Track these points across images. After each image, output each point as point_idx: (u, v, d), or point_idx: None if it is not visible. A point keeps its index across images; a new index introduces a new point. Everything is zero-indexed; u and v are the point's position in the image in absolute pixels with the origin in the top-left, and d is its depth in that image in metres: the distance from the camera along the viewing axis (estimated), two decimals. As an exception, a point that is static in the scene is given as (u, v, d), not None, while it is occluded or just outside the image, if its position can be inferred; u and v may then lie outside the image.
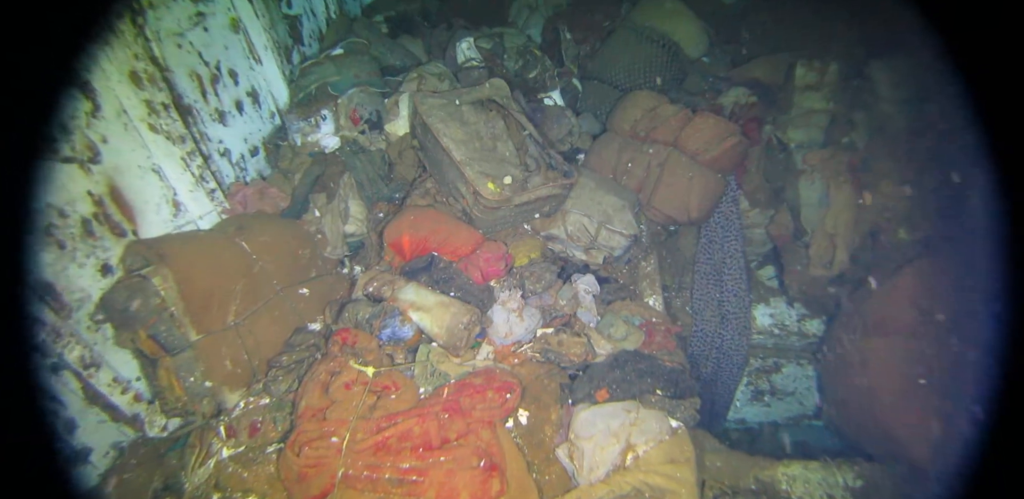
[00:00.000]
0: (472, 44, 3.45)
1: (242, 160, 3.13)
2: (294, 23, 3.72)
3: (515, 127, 2.82)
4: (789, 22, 3.96)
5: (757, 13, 4.18)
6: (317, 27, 3.98)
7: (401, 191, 2.99)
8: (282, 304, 2.55)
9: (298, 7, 3.77)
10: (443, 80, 3.20)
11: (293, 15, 3.71)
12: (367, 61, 3.09)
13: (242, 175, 3.13)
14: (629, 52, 3.60)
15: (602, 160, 3.18)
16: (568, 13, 3.92)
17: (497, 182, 2.46)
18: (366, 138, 2.92)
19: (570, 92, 3.55)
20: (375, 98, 3.04)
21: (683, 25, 3.56)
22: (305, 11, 3.84)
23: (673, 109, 3.05)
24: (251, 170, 3.18)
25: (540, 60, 3.54)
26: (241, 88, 3.14)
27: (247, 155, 3.15)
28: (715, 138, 2.92)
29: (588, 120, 3.48)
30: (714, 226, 3.14)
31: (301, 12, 3.80)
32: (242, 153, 3.12)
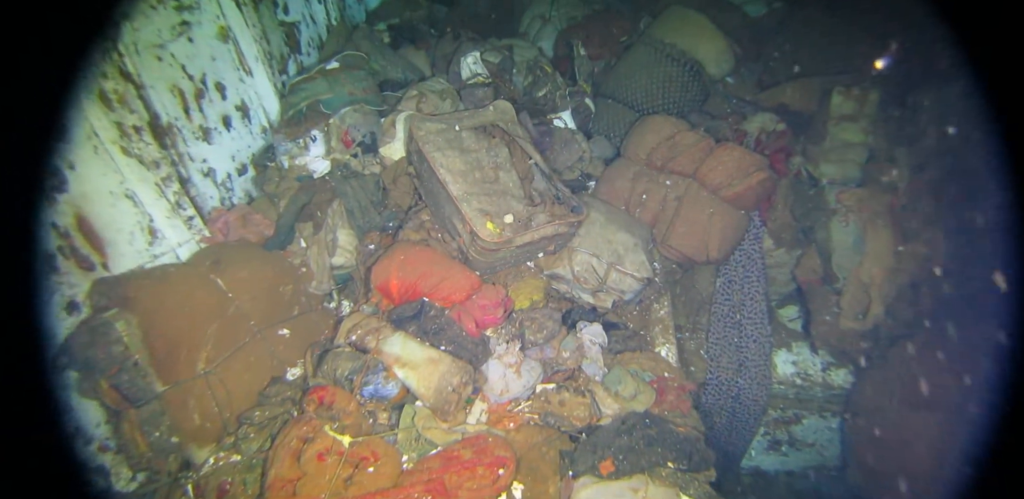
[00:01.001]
0: (478, 58, 3.21)
1: (228, 180, 2.92)
2: (291, 31, 3.50)
3: (520, 155, 2.58)
4: (822, 41, 3.68)
5: (786, 29, 3.90)
6: (317, 34, 3.75)
7: (395, 220, 2.76)
8: (259, 347, 2.33)
9: (296, 14, 3.54)
10: (445, 98, 2.96)
11: (290, 22, 3.48)
12: (363, 76, 2.86)
13: (228, 196, 2.92)
14: (647, 71, 3.34)
15: (614, 190, 2.93)
16: (583, 26, 3.66)
17: (497, 221, 2.22)
18: (358, 162, 2.69)
19: (582, 112, 3.30)
20: (370, 118, 2.80)
21: (707, 43, 3.29)
22: (304, 18, 3.61)
23: (694, 138, 2.79)
24: (238, 190, 2.97)
25: (550, 77, 3.29)
26: (229, 102, 2.92)
27: (234, 174, 2.94)
28: (739, 172, 2.66)
29: (600, 143, 3.23)
30: (734, 265, 2.88)
31: (299, 19, 3.57)
32: (228, 172, 2.91)
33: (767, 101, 3.15)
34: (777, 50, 3.86)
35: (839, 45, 3.56)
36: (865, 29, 3.49)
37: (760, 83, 3.63)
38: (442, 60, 3.45)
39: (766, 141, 2.98)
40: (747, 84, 3.60)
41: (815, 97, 2.95)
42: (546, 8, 4.02)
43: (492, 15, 3.90)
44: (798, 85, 3.07)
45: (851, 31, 3.62)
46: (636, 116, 3.38)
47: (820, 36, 3.74)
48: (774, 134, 3.00)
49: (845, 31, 3.65)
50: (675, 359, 2.52)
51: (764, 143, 2.97)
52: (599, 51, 3.56)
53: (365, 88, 2.84)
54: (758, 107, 3.24)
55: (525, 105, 3.09)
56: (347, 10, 4.16)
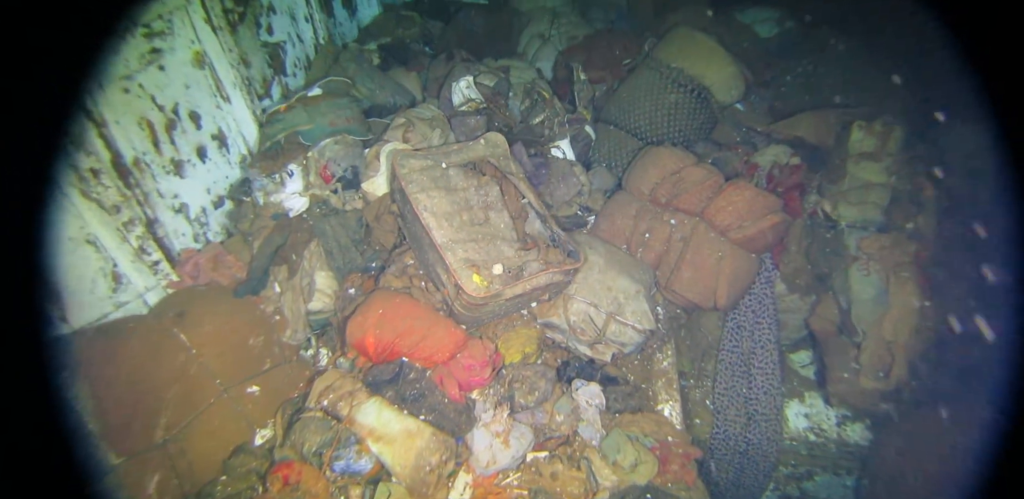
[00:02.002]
0: (471, 83, 3.01)
1: (203, 214, 2.73)
2: (275, 51, 3.31)
3: (513, 193, 2.38)
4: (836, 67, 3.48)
5: (798, 52, 3.70)
6: (304, 54, 3.56)
7: (378, 260, 2.56)
8: (225, 409, 2.14)
9: (281, 34, 3.35)
10: (434, 127, 2.77)
11: (274, 42, 3.30)
12: (346, 104, 2.67)
13: (203, 231, 2.73)
14: (652, 96, 3.13)
15: (615, 227, 2.73)
16: (583, 46, 3.47)
17: (484, 273, 2.03)
18: (338, 198, 2.50)
19: (581, 140, 3.10)
20: (353, 150, 2.61)
21: (717, 68, 3.09)
22: (289, 37, 3.43)
23: (701, 174, 2.59)
24: (214, 224, 2.78)
25: (549, 103, 3.09)
26: (205, 131, 2.73)
27: (209, 208, 2.75)
28: (751, 214, 2.46)
29: (601, 174, 3.03)
30: (744, 310, 2.68)
31: (284, 38, 3.39)
32: (203, 206, 2.72)
33: (780, 133, 2.94)
34: (789, 74, 3.66)
35: (855, 72, 3.36)
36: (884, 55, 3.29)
37: (772, 110, 3.43)
38: (434, 83, 3.26)
39: (779, 176, 2.78)
40: (758, 111, 3.40)
41: (832, 131, 2.74)
42: (545, 27, 3.83)
43: (488, 34, 3.70)
44: (814, 117, 2.86)
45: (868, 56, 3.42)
46: (639, 144, 3.18)
47: (834, 61, 3.54)
48: (788, 169, 2.80)
49: (862, 56, 3.45)
50: (679, 418, 2.32)
51: (777, 179, 2.77)
52: (600, 74, 3.36)
53: (348, 117, 2.64)
54: (770, 138, 3.03)
55: (521, 134, 2.90)
56: (338, 27, 3.98)
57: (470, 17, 3.67)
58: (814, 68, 3.61)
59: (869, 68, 3.31)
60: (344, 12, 4.06)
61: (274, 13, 3.27)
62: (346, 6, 4.08)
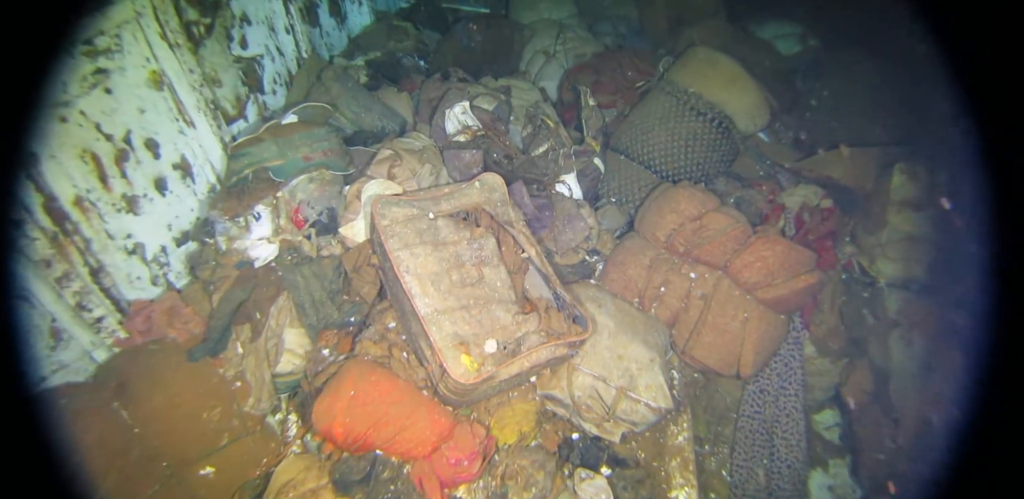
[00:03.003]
0: (467, 108, 2.70)
1: (163, 254, 2.41)
2: (250, 67, 2.98)
3: (511, 245, 2.07)
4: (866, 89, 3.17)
5: (824, 74, 3.39)
6: (285, 68, 3.24)
7: (357, 314, 2.26)
8: (171, 497, 1.83)
9: (257, 47, 3.02)
10: (424, 161, 2.45)
11: (249, 57, 2.97)
12: (324, 135, 2.35)
13: (162, 273, 2.41)
14: (667, 125, 2.83)
15: (626, 278, 2.43)
16: (592, 66, 3.15)
17: (475, 352, 1.72)
18: (312, 245, 2.19)
19: (589, 174, 2.79)
20: (330, 189, 2.30)
21: (740, 94, 2.78)
22: (268, 51, 3.10)
23: (725, 221, 2.28)
24: (175, 264, 2.46)
25: (553, 133, 2.78)
26: (164, 161, 2.41)
27: (171, 246, 2.43)
28: (782, 272, 2.16)
29: (610, 214, 2.72)
30: (768, 373, 2.39)
31: (262, 52, 3.06)
32: (163, 245, 2.40)
33: (811, 172, 2.64)
34: (814, 97, 3.35)
35: (887, 96, 3.06)
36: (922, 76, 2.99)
37: (797, 141, 3.13)
38: (426, 105, 2.94)
39: (810, 222, 2.48)
40: (783, 141, 3.10)
41: (871, 172, 2.44)
42: (550, 42, 3.51)
43: (488, 49, 3.38)
44: (849, 155, 2.55)
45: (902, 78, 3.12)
46: (653, 178, 2.88)
47: (864, 83, 3.23)
48: (819, 213, 2.50)
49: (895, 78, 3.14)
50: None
51: (807, 224, 2.47)
52: (611, 99, 3.05)
53: (326, 149, 2.33)
54: (799, 176, 2.73)
55: (522, 169, 2.59)
56: (324, 38, 3.65)
57: (468, 31, 3.35)
58: (841, 91, 3.31)
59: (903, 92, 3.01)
60: (332, 21, 3.74)
61: (248, 24, 2.94)
62: (334, 14, 3.75)
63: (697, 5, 3.45)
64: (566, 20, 3.73)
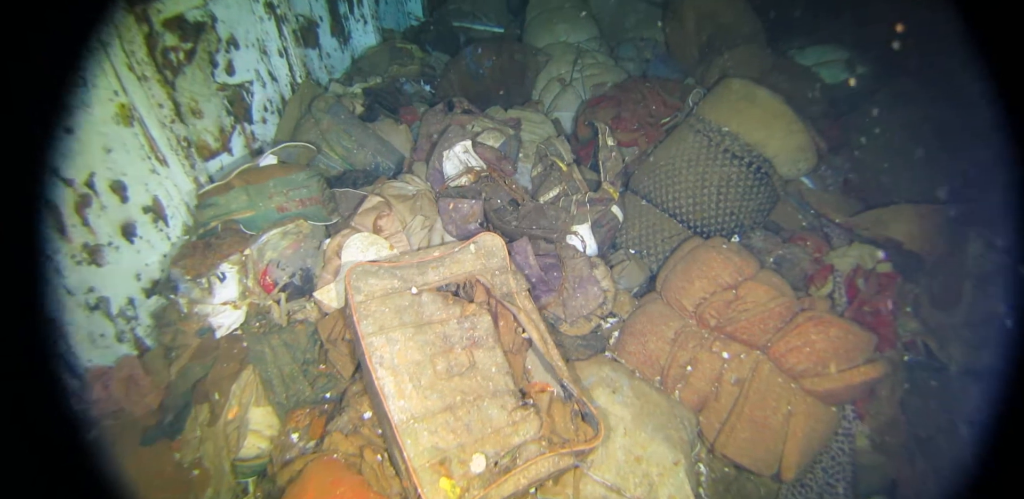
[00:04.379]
0: (469, 148, 2.39)
1: (130, 307, 2.14)
2: (237, 95, 2.73)
3: (510, 322, 1.75)
4: (924, 125, 2.79)
5: (877, 106, 3.02)
6: (278, 94, 2.97)
7: (334, 389, 1.95)
8: None
9: (246, 73, 2.76)
10: (416, 211, 2.15)
11: (236, 84, 2.71)
12: (303, 180, 2.05)
13: (129, 328, 2.14)
14: (697, 169, 2.49)
15: (647, 351, 2.08)
16: (613, 98, 2.82)
17: (458, 473, 1.39)
18: (282, 311, 1.89)
19: (607, 223, 2.45)
20: (306, 244, 1.99)
21: (782, 136, 2.43)
22: (258, 76, 2.84)
23: (765, 294, 1.93)
24: (144, 318, 2.18)
25: (565, 177, 2.46)
26: (134, 204, 2.15)
27: (139, 298, 2.16)
28: (836, 359, 1.80)
29: (630, 271, 2.38)
30: (812, 466, 2.01)
31: (251, 78, 2.80)
32: (131, 297, 2.13)
33: (867, 230, 2.26)
34: (864, 134, 2.97)
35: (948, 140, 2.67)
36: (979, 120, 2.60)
37: (846, 185, 2.75)
38: (425, 140, 2.64)
39: (865, 290, 2.11)
40: (829, 187, 2.73)
41: (941, 237, 2.07)
42: (567, 69, 3.20)
43: (498, 76, 3.08)
44: (914, 215, 2.18)
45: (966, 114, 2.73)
46: (679, 228, 2.53)
47: (919, 123, 2.85)
48: (876, 278, 2.13)
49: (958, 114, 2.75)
50: None
51: (863, 293, 2.10)
52: (632, 136, 2.71)
53: (305, 197, 2.03)
54: (852, 234, 2.36)
55: (528, 218, 2.26)
56: (325, 59, 3.39)
57: (476, 56, 3.05)
58: (894, 128, 2.93)
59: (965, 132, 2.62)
60: (334, 41, 3.48)
61: (236, 48, 2.68)
62: (336, 34, 3.49)
63: (732, 28, 3.11)
64: (585, 43, 3.42)
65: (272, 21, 2.87)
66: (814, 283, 2.32)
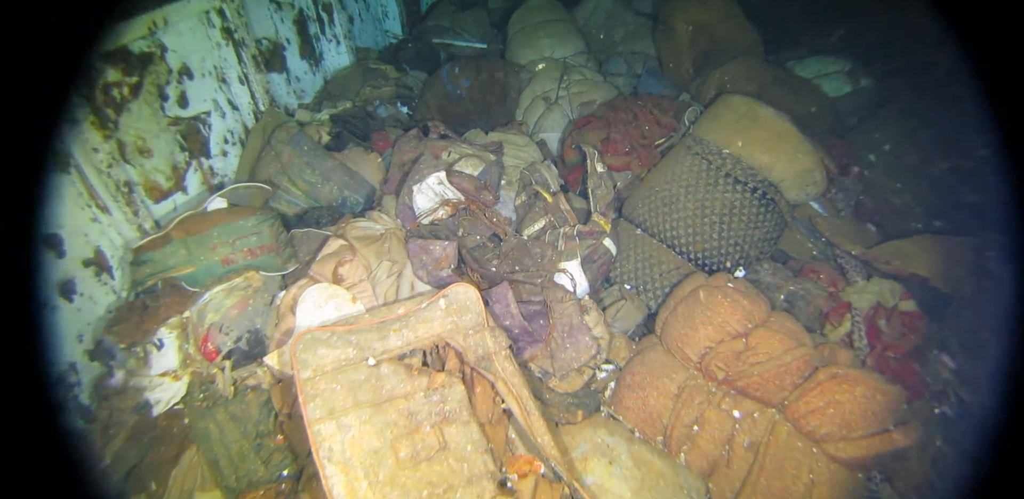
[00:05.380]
0: (444, 179, 2.17)
1: (71, 372, 1.91)
2: (192, 128, 2.52)
3: (487, 391, 1.51)
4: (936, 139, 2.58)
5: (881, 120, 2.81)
6: (240, 125, 2.76)
7: (291, 466, 1.71)
8: None
9: (201, 103, 2.56)
10: (382, 255, 1.92)
11: (190, 117, 2.50)
12: (254, 226, 1.83)
13: (73, 394, 1.91)
14: (696, 195, 2.26)
15: (647, 408, 1.84)
16: (602, 118, 2.60)
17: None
18: (227, 381, 1.65)
19: (599, 258, 2.22)
20: (256, 301, 1.76)
21: (789, 158, 2.21)
22: (216, 106, 2.63)
23: (780, 344, 1.69)
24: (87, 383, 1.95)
25: (551, 208, 2.23)
26: (72, 259, 1.95)
27: (81, 362, 1.94)
28: (863, 423, 1.56)
29: (626, 313, 2.15)
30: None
31: (208, 109, 2.59)
32: (72, 362, 1.92)
33: (888, 264, 2.03)
34: (872, 151, 2.76)
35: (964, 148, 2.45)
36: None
37: (858, 208, 2.53)
38: (397, 170, 2.42)
39: (888, 332, 1.88)
40: (841, 211, 2.50)
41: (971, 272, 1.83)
42: (552, 86, 2.98)
43: (477, 97, 2.86)
44: (941, 248, 1.94)
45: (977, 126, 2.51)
46: (679, 261, 2.30)
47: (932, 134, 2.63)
48: (898, 319, 1.90)
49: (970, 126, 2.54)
50: None
51: (885, 337, 1.86)
52: (624, 160, 2.49)
53: (255, 246, 1.80)
54: (871, 267, 2.13)
55: (510, 257, 2.03)
56: (294, 84, 3.18)
57: (453, 76, 2.84)
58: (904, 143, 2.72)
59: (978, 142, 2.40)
60: (304, 64, 3.27)
61: (189, 78, 2.47)
62: (306, 56, 3.29)
63: (728, 40, 2.90)
64: (571, 58, 3.21)
65: (231, 47, 2.66)
66: (830, 321, 2.09)
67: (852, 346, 2.00)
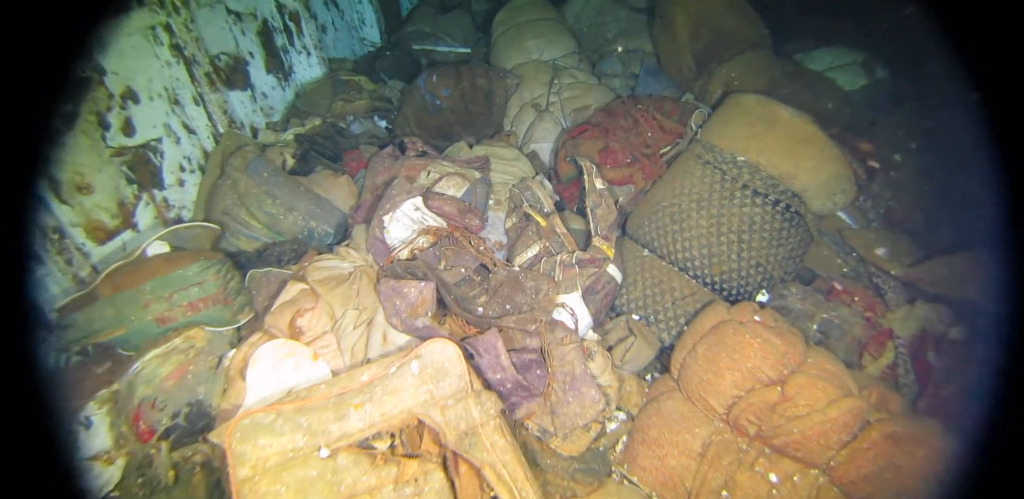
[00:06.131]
0: (421, 205, 1.90)
1: None
2: (140, 158, 2.28)
3: (473, 480, 1.24)
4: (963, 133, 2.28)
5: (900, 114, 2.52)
6: (199, 150, 2.51)
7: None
8: None
9: (151, 129, 2.31)
10: (350, 300, 1.65)
11: (136, 146, 2.25)
12: (194, 275, 1.56)
13: None
14: (710, 211, 1.98)
15: (665, 469, 1.57)
16: (597, 124, 2.33)
17: None
18: (167, 463, 1.39)
19: (602, 287, 1.94)
20: (197, 366, 1.50)
21: (815, 165, 1.93)
22: (169, 132, 2.38)
23: (823, 395, 1.42)
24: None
25: (545, 233, 1.96)
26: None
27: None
28: (930, 489, 1.27)
29: (636, 349, 1.87)
30: None
31: (159, 135, 2.34)
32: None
33: (933, 285, 1.74)
34: (897, 151, 2.47)
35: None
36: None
37: (889, 216, 2.24)
38: (370, 193, 2.15)
39: (938, 365, 1.60)
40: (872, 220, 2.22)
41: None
42: (542, 91, 2.71)
43: (459, 107, 2.60)
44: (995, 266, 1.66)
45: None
46: (692, 286, 2.02)
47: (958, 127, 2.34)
48: (949, 349, 1.61)
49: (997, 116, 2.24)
50: None
51: (936, 372, 1.58)
52: (626, 172, 2.22)
53: (197, 299, 1.54)
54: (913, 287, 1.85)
55: (499, 295, 1.76)
56: (261, 101, 2.93)
57: (430, 84, 2.57)
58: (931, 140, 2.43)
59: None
60: (271, 79, 3.02)
61: (135, 102, 2.22)
62: (274, 70, 3.03)
63: (733, 33, 2.62)
64: (562, 60, 2.94)
65: (182, 65, 2.41)
66: (869, 351, 1.81)
67: (896, 381, 1.73)
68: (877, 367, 1.79)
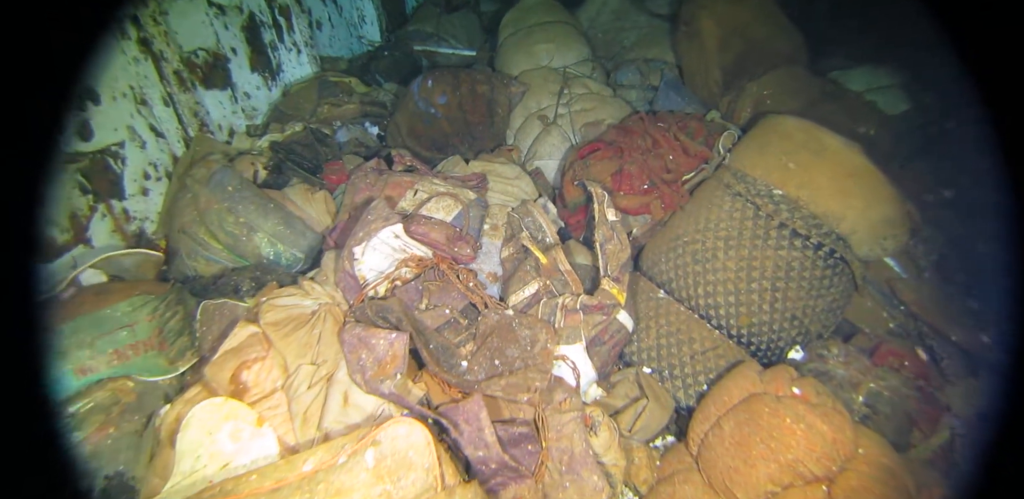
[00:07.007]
0: (401, 233, 1.63)
1: None
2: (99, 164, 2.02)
3: None
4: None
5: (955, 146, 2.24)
6: (168, 154, 2.25)
7: None
8: None
9: (112, 133, 2.05)
10: (309, 348, 1.37)
11: (94, 151, 1.99)
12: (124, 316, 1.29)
13: None
14: (740, 251, 1.71)
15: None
16: (611, 142, 2.05)
17: None
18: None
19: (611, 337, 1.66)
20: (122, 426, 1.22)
21: (864, 206, 1.65)
22: (132, 136, 2.13)
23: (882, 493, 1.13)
24: None
25: (546, 271, 1.69)
26: None
27: None
28: None
29: (648, 414, 1.58)
30: None
31: (121, 139, 2.10)
32: None
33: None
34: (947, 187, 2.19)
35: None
36: None
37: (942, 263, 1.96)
38: (348, 213, 1.88)
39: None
40: (924, 270, 1.93)
41: None
42: (550, 101, 2.44)
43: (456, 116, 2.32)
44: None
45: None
46: (714, 334, 1.74)
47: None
48: None
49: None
50: None
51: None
52: (642, 200, 1.94)
53: (125, 345, 1.27)
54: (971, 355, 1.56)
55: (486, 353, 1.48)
56: (242, 102, 2.66)
57: (425, 91, 2.30)
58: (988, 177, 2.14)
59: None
60: (256, 78, 2.75)
61: (95, 103, 1.96)
62: (260, 68, 2.76)
63: (767, 44, 2.35)
64: (574, 68, 2.66)
65: (150, 62, 2.15)
66: (919, 428, 1.53)
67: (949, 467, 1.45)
68: (927, 447, 1.51)
